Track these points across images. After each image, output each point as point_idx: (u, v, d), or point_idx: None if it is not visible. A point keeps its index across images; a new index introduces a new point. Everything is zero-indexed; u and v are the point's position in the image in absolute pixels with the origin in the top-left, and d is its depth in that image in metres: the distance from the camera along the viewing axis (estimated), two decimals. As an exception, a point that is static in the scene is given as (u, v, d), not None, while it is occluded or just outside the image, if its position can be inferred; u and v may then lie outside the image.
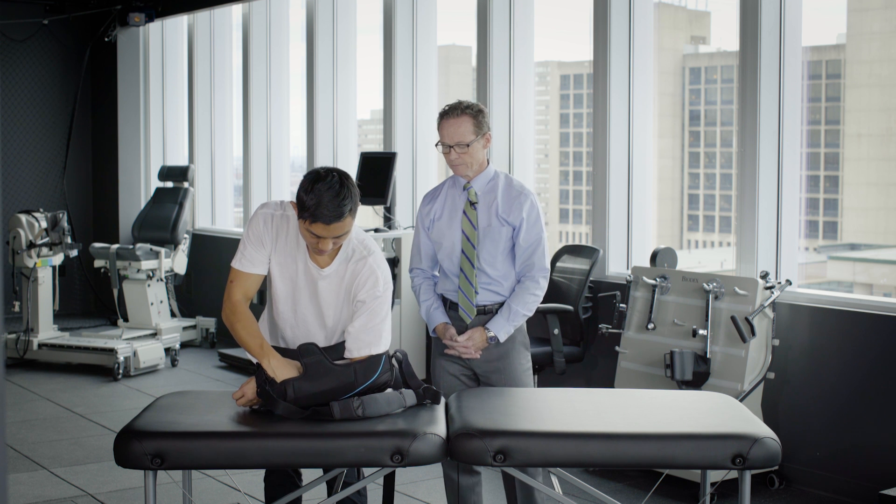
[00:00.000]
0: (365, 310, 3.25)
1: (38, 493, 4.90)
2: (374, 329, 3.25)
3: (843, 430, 4.78)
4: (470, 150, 3.77)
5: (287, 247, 3.33)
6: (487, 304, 3.82)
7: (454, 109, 3.78)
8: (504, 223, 3.79)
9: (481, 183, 3.84)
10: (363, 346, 3.24)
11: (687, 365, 4.83)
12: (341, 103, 8.03)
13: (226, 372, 7.64)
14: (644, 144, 5.93)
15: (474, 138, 3.76)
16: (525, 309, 3.78)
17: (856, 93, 7.17)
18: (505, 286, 3.82)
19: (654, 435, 2.96)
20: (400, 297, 6.73)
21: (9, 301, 7.82)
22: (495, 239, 3.79)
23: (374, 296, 3.26)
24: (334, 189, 3.12)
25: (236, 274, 3.35)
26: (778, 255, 5.17)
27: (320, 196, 3.09)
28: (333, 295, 3.33)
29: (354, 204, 3.17)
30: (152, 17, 9.49)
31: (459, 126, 3.76)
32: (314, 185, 3.12)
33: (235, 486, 4.74)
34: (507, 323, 3.77)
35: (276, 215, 3.35)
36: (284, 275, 3.36)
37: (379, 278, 3.28)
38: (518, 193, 3.81)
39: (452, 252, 3.83)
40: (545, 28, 6.87)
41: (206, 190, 9.42)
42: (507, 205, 3.80)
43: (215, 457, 2.96)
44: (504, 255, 3.81)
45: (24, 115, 9.93)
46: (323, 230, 3.13)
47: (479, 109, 3.80)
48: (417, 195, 7.32)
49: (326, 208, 3.09)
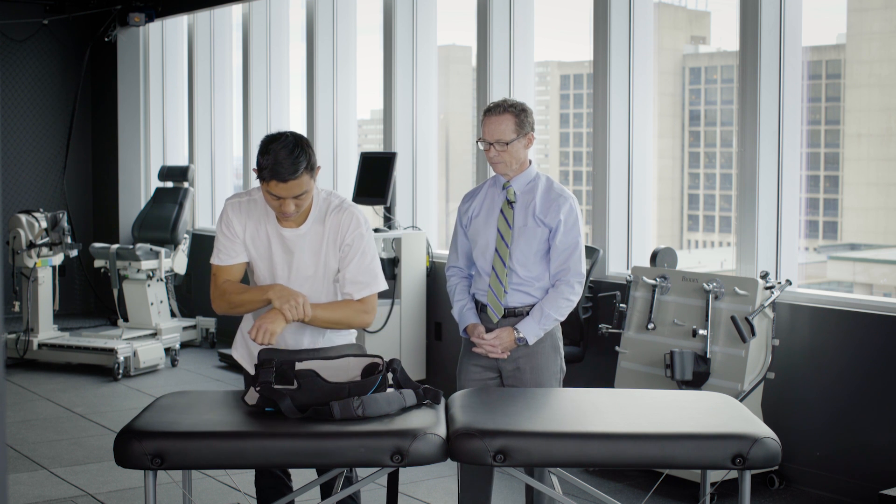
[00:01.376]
0: (355, 252, 3.39)
1: (38, 493, 4.90)
2: (369, 269, 3.41)
3: (843, 430, 4.78)
4: (509, 149, 3.75)
5: (257, 225, 3.45)
6: (518, 305, 3.79)
7: (497, 107, 3.77)
8: (540, 224, 3.76)
9: (521, 183, 3.82)
10: (363, 288, 3.40)
11: (687, 365, 4.83)
12: (341, 103, 8.03)
13: (226, 372, 7.64)
14: (644, 144, 5.92)
15: (515, 137, 3.75)
16: (557, 313, 3.76)
17: (856, 93, 7.17)
18: (536, 288, 3.79)
19: (654, 435, 2.96)
20: (400, 297, 6.73)
21: (9, 301, 7.82)
22: (530, 239, 3.76)
23: (360, 235, 3.41)
24: (288, 147, 3.24)
25: (217, 269, 3.51)
26: (778, 255, 5.17)
27: (276, 154, 3.22)
28: (314, 248, 3.43)
29: (310, 162, 3.28)
30: (152, 17, 9.49)
31: (500, 124, 3.75)
32: (269, 146, 3.26)
33: (235, 486, 4.74)
34: (538, 325, 3.74)
35: (242, 201, 3.48)
36: (259, 251, 3.46)
37: (360, 221, 3.42)
38: (557, 196, 3.78)
39: (486, 250, 3.82)
40: (545, 28, 6.87)
41: (206, 190, 9.42)
42: (545, 206, 3.77)
43: (215, 457, 2.96)
44: (538, 257, 3.78)
45: (24, 115, 9.93)
46: (282, 189, 3.24)
47: (523, 108, 3.78)
48: (418, 195, 7.33)
49: (282, 165, 3.22)
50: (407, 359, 6.74)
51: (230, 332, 3.43)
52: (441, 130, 7.77)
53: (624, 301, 5.38)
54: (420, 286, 6.85)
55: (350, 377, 3.17)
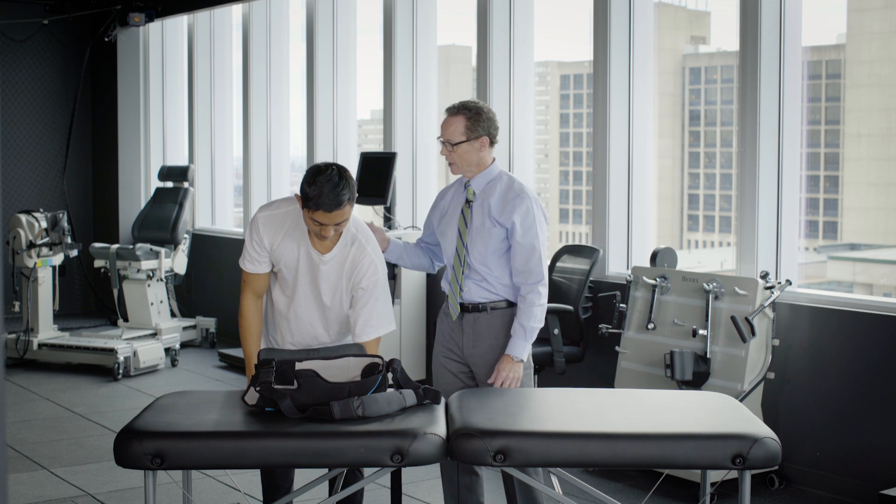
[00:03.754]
0: (369, 296, 3.59)
1: (38, 493, 4.90)
2: (381, 315, 3.61)
3: (844, 430, 4.78)
4: (457, 150, 3.79)
5: (288, 238, 3.62)
6: (480, 301, 3.83)
7: (453, 107, 3.84)
8: (496, 224, 3.77)
9: (480, 182, 3.85)
10: (372, 332, 3.59)
11: (687, 365, 4.83)
12: (341, 103, 8.03)
13: (226, 372, 7.64)
14: (644, 144, 5.92)
15: (464, 139, 3.78)
16: (535, 322, 3.76)
17: (856, 93, 7.17)
18: (498, 287, 3.81)
19: (654, 435, 2.96)
20: (400, 298, 6.73)
21: (9, 301, 7.82)
22: (486, 239, 3.78)
23: (375, 283, 3.60)
24: (333, 181, 3.43)
25: (246, 275, 3.69)
26: (778, 255, 5.17)
27: (321, 187, 3.41)
28: (335, 278, 3.62)
29: (352, 194, 3.48)
30: (152, 17, 9.49)
31: (451, 124, 3.81)
32: (316, 178, 3.44)
33: (235, 486, 4.74)
34: (525, 341, 3.76)
35: (275, 215, 3.65)
36: (287, 262, 3.64)
37: (377, 266, 3.62)
38: (515, 196, 3.77)
39: (449, 247, 3.88)
40: (545, 28, 6.87)
41: (206, 190, 9.42)
42: (500, 206, 3.78)
43: (215, 457, 2.96)
44: (497, 256, 3.80)
45: (24, 115, 9.93)
46: (325, 217, 3.44)
47: (479, 111, 3.79)
48: (418, 195, 7.32)
49: (327, 198, 3.41)
50: (407, 359, 6.74)
51: (230, 333, 3.47)
52: (441, 130, 7.76)
53: (624, 301, 5.38)
54: (420, 286, 6.85)
55: (350, 377, 3.18)
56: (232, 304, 4.34)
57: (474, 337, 3.83)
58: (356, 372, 3.20)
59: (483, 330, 3.82)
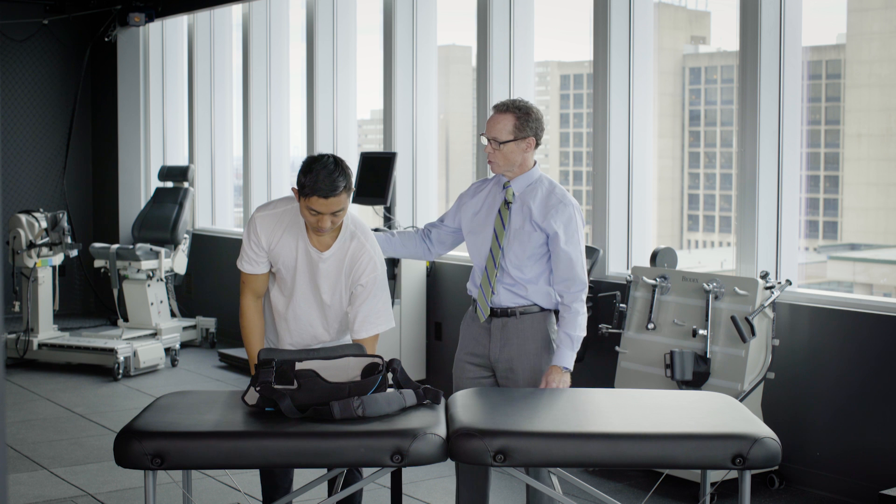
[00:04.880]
0: (368, 293, 3.58)
1: (38, 493, 4.90)
2: (380, 312, 3.60)
3: (844, 431, 4.78)
4: (503, 149, 3.71)
5: (286, 236, 3.60)
6: (510, 306, 3.78)
7: (503, 104, 3.74)
8: (537, 228, 3.72)
9: (521, 184, 3.78)
10: (371, 329, 3.58)
11: (687, 365, 4.83)
12: (341, 103, 8.03)
13: (226, 372, 7.64)
14: (644, 144, 5.92)
15: (511, 138, 3.70)
16: (580, 330, 3.74)
17: (856, 93, 7.17)
18: (530, 291, 3.77)
19: (654, 435, 2.96)
20: (400, 298, 6.73)
21: (9, 301, 7.82)
22: (524, 242, 3.73)
23: (375, 279, 3.59)
24: (329, 168, 3.43)
25: (245, 276, 3.67)
26: (778, 255, 5.17)
27: (317, 174, 3.41)
28: (334, 275, 3.60)
29: (348, 182, 3.46)
30: (152, 17, 9.49)
31: (499, 122, 3.71)
32: (311, 166, 3.45)
33: (235, 486, 4.74)
34: (572, 350, 3.74)
35: (272, 214, 3.64)
36: (285, 261, 3.62)
37: (377, 263, 3.61)
38: (558, 202, 3.72)
39: (482, 248, 3.81)
40: (545, 28, 6.87)
41: (206, 190, 9.42)
42: (543, 211, 3.72)
43: (215, 457, 2.96)
44: (533, 261, 3.75)
45: (24, 115, 9.93)
46: (321, 205, 3.42)
47: (528, 111, 3.72)
48: (418, 195, 7.33)
49: (323, 183, 3.40)
50: (407, 359, 6.74)
51: (230, 333, 3.47)
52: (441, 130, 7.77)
53: (624, 301, 5.38)
54: (420, 286, 6.85)
55: (350, 377, 3.17)
56: (232, 304, 4.34)
57: (502, 341, 3.80)
58: (356, 372, 3.20)
59: (511, 334, 3.79)
